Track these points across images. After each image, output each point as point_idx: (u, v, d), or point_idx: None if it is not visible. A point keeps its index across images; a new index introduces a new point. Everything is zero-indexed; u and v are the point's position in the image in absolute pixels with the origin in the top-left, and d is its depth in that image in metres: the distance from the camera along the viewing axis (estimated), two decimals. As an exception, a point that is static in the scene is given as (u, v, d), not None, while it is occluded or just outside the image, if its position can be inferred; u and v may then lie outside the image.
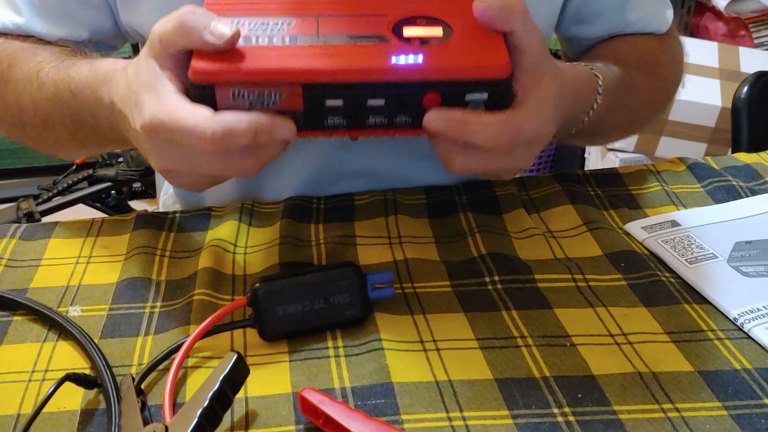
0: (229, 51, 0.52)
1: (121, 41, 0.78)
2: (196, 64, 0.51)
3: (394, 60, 0.52)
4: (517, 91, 0.53)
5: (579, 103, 0.66)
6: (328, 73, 0.51)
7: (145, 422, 0.48)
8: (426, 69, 0.52)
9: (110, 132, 0.61)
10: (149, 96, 0.52)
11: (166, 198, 0.91)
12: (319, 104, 0.52)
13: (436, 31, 0.54)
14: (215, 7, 0.55)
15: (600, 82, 0.67)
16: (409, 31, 0.54)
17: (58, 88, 0.64)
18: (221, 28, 0.51)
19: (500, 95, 0.53)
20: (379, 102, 0.53)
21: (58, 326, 0.57)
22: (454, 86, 0.52)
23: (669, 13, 0.82)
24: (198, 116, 0.50)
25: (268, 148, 0.53)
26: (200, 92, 0.52)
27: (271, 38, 0.53)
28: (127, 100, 0.55)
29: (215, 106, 0.52)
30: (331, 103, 0.53)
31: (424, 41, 0.53)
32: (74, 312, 0.59)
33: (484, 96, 0.53)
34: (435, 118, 0.52)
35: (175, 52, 0.53)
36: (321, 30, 0.54)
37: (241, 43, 0.52)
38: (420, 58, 0.52)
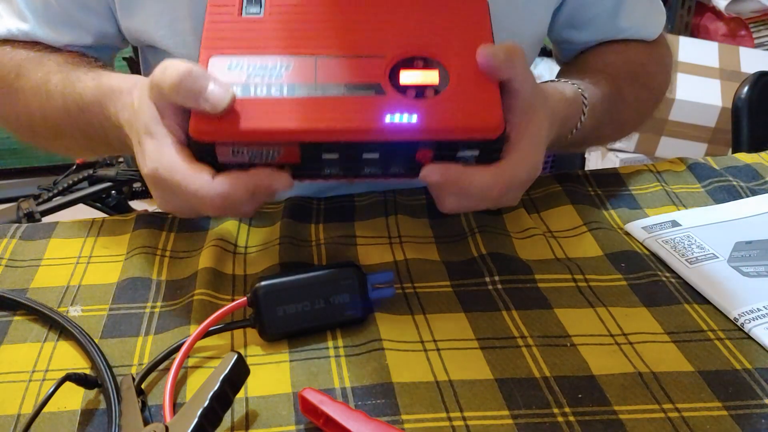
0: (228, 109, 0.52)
1: (126, 44, 0.79)
2: (196, 124, 0.52)
3: (388, 119, 0.52)
4: (510, 132, 0.55)
5: (565, 125, 0.67)
6: (324, 133, 0.52)
7: (146, 422, 0.48)
8: (420, 130, 0.53)
9: (120, 145, 0.62)
10: (151, 145, 0.54)
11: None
12: (315, 158, 0.54)
13: (432, 77, 0.54)
14: (215, 42, 0.56)
15: (586, 103, 0.69)
16: (405, 77, 0.54)
17: (66, 102, 0.65)
18: (217, 95, 0.51)
19: (491, 151, 0.55)
20: (374, 155, 0.54)
21: (58, 326, 0.57)
22: (446, 145, 0.54)
23: (661, 20, 0.82)
24: (198, 182, 0.52)
25: (266, 196, 0.55)
26: (201, 147, 0.53)
27: (270, 87, 0.53)
28: (131, 132, 0.57)
29: (216, 158, 0.53)
30: (327, 156, 0.54)
31: (419, 91, 0.54)
32: (74, 312, 0.59)
33: (476, 152, 0.54)
34: (432, 173, 0.54)
35: (174, 104, 0.54)
36: (319, 76, 0.54)
37: (239, 93, 0.53)
38: (414, 118, 0.52)
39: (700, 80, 1.78)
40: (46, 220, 1.80)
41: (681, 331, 0.56)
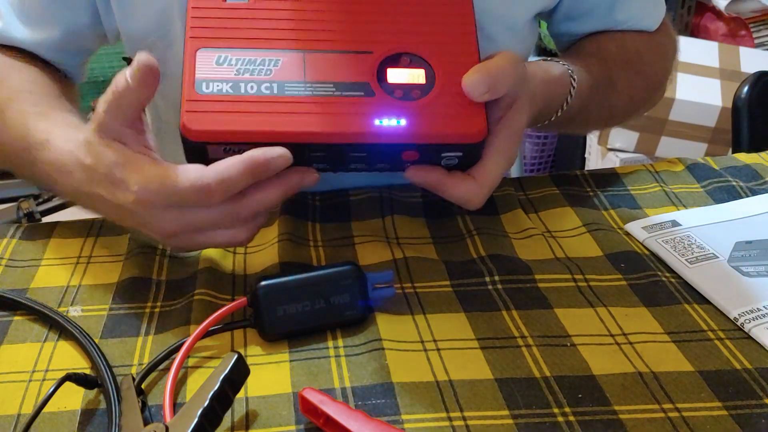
0: (220, 108, 0.53)
1: (95, 44, 0.77)
2: (189, 124, 0.52)
3: (376, 122, 0.54)
4: (491, 123, 0.57)
5: (550, 105, 0.68)
6: (314, 136, 0.53)
7: (146, 422, 0.48)
8: (406, 134, 0.54)
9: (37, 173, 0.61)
10: (127, 172, 0.52)
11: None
12: (305, 155, 0.55)
13: (419, 76, 0.56)
14: (201, 32, 0.55)
15: (574, 85, 0.69)
16: (393, 76, 0.56)
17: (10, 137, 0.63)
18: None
19: (473, 154, 0.57)
20: (361, 155, 0.56)
21: (58, 326, 0.57)
22: (431, 147, 0.56)
23: (659, 12, 0.82)
24: (192, 174, 0.51)
25: (266, 174, 0.53)
26: (192, 146, 0.53)
27: (260, 85, 0.54)
28: (95, 183, 0.55)
29: (206, 157, 0.53)
30: (316, 154, 0.55)
31: (406, 92, 0.55)
32: (74, 312, 0.59)
33: (459, 154, 0.57)
34: (415, 176, 0.58)
35: (123, 116, 0.53)
36: (308, 73, 0.55)
37: (229, 90, 0.53)
38: (402, 122, 0.54)
39: (700, 80, 1.77)
40: (46, 220, 1.80)
41: (681, 331, 0.56)
